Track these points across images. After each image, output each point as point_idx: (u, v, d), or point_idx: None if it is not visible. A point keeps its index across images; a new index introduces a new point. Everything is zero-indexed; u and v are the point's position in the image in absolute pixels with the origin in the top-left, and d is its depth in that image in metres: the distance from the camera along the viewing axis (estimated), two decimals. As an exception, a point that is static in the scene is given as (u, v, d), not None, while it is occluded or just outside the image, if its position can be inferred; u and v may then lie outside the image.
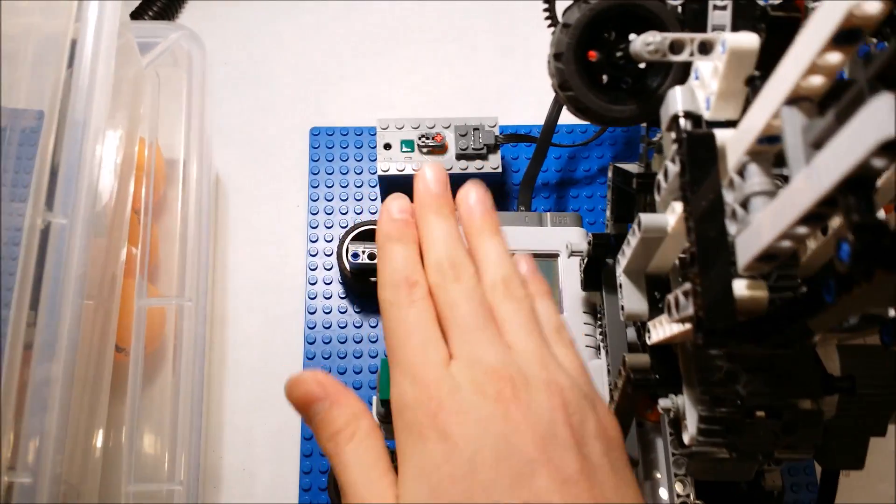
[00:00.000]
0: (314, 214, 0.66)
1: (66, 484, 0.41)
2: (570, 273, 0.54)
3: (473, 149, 0.62)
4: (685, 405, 0.40)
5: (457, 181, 0.63)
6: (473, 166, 0.62)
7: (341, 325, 0.63)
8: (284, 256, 0.65)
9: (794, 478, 0.59)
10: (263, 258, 0.66)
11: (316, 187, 0.67)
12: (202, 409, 0.52)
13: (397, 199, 0.35)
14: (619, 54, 0.40)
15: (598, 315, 0.53)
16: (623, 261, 0.43)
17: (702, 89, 0.35)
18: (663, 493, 0.51)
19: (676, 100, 0.35)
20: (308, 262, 0.65)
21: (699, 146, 0.33)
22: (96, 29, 0.44)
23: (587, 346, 0.53)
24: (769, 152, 0.30)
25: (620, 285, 0.44)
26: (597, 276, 0.52)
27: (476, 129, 0.63)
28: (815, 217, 0.25)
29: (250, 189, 0.68)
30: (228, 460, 0.60)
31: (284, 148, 0.69)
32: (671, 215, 0.39)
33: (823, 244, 0.34)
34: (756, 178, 0.30)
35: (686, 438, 0.40)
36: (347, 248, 0.61)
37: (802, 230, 0.26)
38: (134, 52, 0.52)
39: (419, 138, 0.62)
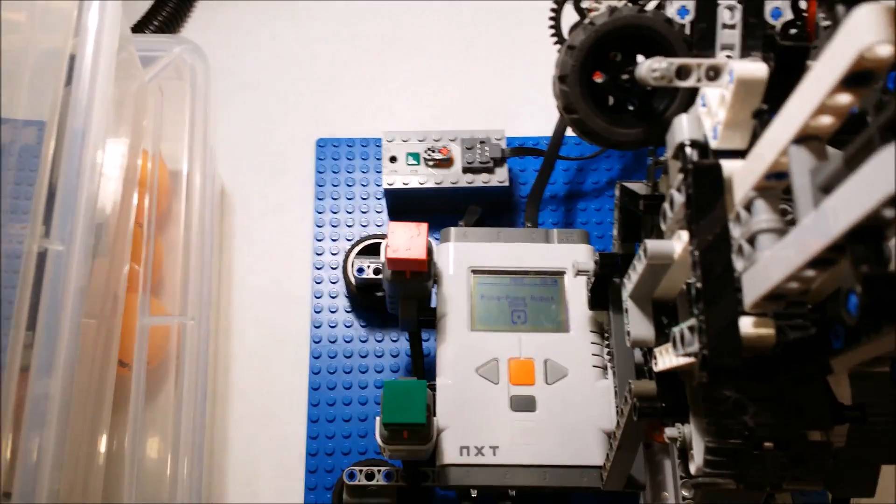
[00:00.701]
0: (320, 227, 0.65)
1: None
2: (576, 291, 0.54)
3: (480, 162, 0.61)
4: (692, 435, 0.39)
5: (463, 195, 0.64)
6: (480, 180, 0.61)
7: (347, 340, 0.62)
8: (290, 270, 0.65)
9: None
10: (269, 271, 0.65)
11: (322, 199, 0.66)
12: (204, 426, 0.52)
13: None
14: (625, 77, 0.40)
15: (606, 334, 0.53)
16: (629, 285, 0.42)
17: (709, 117, 0.34)
18: (671, 514, 0.50)
19: (682, 128, 0.34)
20: (313, 275, 0.64)
21: (705, 178, 0.32)
22: (95, 43, 0.43)
23: (594, 367, 0.52)
24: (777, 188, 0.29)
25: (626, 310, 0.43)
26: (604, 295, 0.51)
27: (482, 141, 0.62)
28: (824, 262, 0.25)
29: (256, 201, 0.67)
30: (232, 475, 0.60)
31: (290, 159, 0.68)
32: (678, 242, 0.38)
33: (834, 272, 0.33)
34: (763, 214, 0.29)
35: (692, 468, 0.39)
36: (353, 262, 0.60)
37: (810, 273, 0.26)
38: (136, 65, 0.52)
39: (425, 151, 0.62)
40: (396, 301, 0.54)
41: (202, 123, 0.55)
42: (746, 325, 0.30)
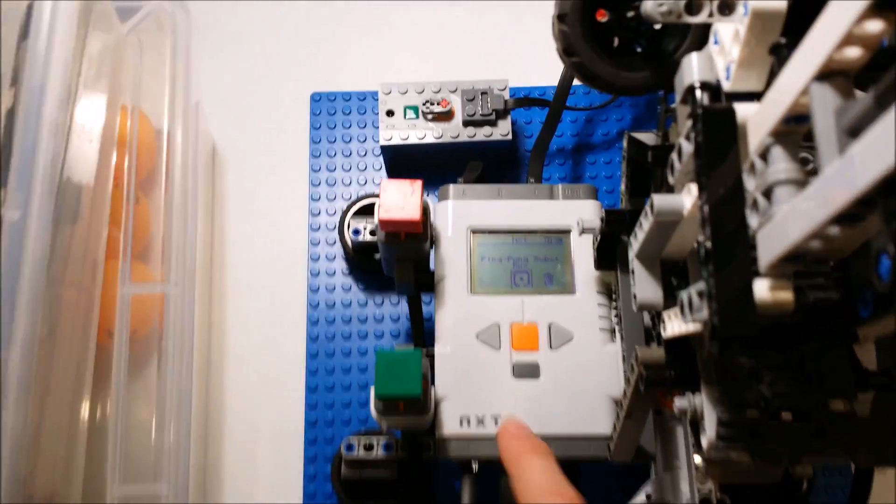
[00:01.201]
0: (316, 186, 0.62)
1: (42, 483, 0.39)
2: (583, 250, 0.50)
3: (481, 114, 0.58)
4: (703, 406, 0.36)
5: (464, 150, 0.60)
6: (482, 133, 0.58)
7: (345, 304, 0.60)
8: (285, 232, 0.62)
9: (827, 479, 0.55)
10: (264, 234, 0.62)
11: (317, 157, 0.63)
12: (192, 395, 0.49)
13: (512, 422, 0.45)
14: (630, 14, 0.36)
15: (613, 296, 0.49)
16: (636, 244, 0.39)
17: (721, 56, 0.31)
18: (684, 486, 0.48)
19: (692, 68, 0.31)
20: (310, 237, 0.61)
21: (717, 123, 0.28)
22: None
23: (601, 329, 0.49)
24: (797, 133, 0.26)
25: (633, 271, 0.40)
26: (611, 254, 0.48)
27: (484, 92, 0.58)
28: (851, 217, 0.21)
29: (249, 160, 0.64)
30: (230, 448, 0.58)
31: (283, 115, 0.65)
32: (687, 196, 0.34)
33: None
34: (781, 163, 0.25)
35: (704, 442, 0.37)
36: (349, 223, 0.57)
37: (835, 231, 0.22)
38: (112, 18, 0.49)
39: (423, 104, 0.58)
40: (392, 264, 0.51)
41: (184, 77, 0.52)
42: (761, 288, 0.27)
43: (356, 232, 0.55)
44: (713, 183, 0.28)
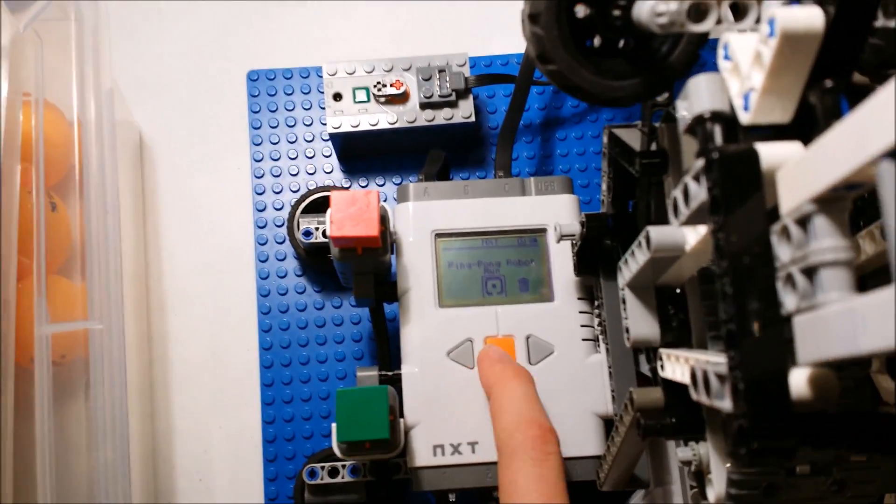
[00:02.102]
0: (259, 178, 0.56)
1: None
2: (560, 251, 0.46)
3: (440, 95, 0.52)
4: (710, 456, 0.32)
5: (423, 134, 0.54)
6: (441, 116, 0.52)
7: (300, 308, 0.54)
8: (228, 231, 0.56)
9: None
10: (204, 234, 0.56)
11: (259, 145, 0.57)
12: (128, 425, 0.44)
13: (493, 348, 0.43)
14: (616, 13, 0.30)
15: (596, 301, 0.45)
16: (627, 273, 0.34)
17: (737, 79, 0.25)
18: (678, 500, 0.44)
19: (700, 94, 0.25)
20: (256, 235, 0.55)
21: (737, 172, 0.23)
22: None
23: (584, 340, 0.45)
24: (847, 199, 0.21)
25: (624, 300, 0.35)
26: (592, 260, 0.43)
27: (442, 70, 0.52)
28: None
29: (182, 151, 0.58)
30: (182, 470, 0.53)
31: (218, 98, 0.58)
32: (691, 232, 0.30)
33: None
34: (827, 240, 0.20)
35: (711, 496, 0.33)
36: (298, 222, 0.52)
37: (908, 347, 0.18)
38: (1, 14, 0.41)
39: (374, 85, 0.52)
40: (349, 277, 0.46)
41: (92, 60, 0.45)
42: (800, 381, 0.22)
43: (307, 233, 0.49)
44: (733, 246, 0.23)
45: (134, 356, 0.52)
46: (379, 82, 0.52)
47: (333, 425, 0.41)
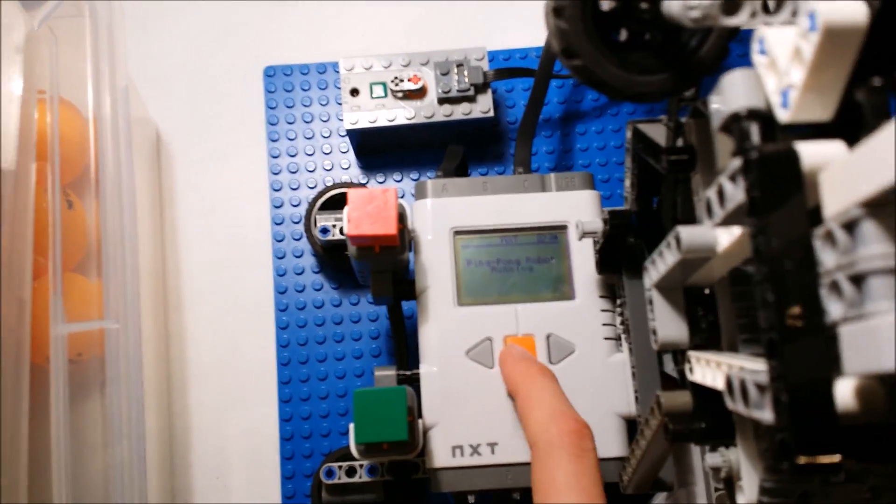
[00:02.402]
0: (276, 174, 0.56)
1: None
2: (581, 248, 0.45)
3: (458, 90, 0.51)
4: (740, 464, 0.31)
5: (441, 130, 0.54)
6: (460, 111, 0.51)
7: (317, 305, 0.54)
8: (245, 227, 0.56)
9: None
10: (221, 231, 0.56)
11: (276, 141, 0.56)
12: (144, 423, 0.44)
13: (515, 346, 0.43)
14: (644, 6, 0.29)
15: (618, 300, 0.44)
16: (654, 273, 0.33)
17: (774, 75, 0.24)
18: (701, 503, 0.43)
19: (736, 91, 0.25)
20: (273, 231, 0.55)
21: (776, 173, 0.22)
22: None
23: (606, 339, 0.44)
24: None
25: (651, 301, 0.34)
26: (615, 258, 0.42)
27: (460, 64, 0.51)
28: None
29: (199, 148, 0.57)
30: (199, 469, 0.53)
31: (234, 95, 0.57)
32: (723, 233, 0.29)
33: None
34: (876, 246, 0.20)
35: (741, 502, 0.32)
36: (315, 219, 0.51)
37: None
38: (16, 11, 0.41)
39: (392, 80, 0.51)
40: (367, 276, 0.45)
41: (107, 58, 0.45)
42: (846, 393, 0.21)
43: (324, 230, 0.48)
44: (775, 251, 0.22)
45: (151, 354, 0.51)
46: (396, 77, 0.51)
47: (351, 426, 0.40)
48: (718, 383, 0.30)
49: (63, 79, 0.45)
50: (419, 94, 0.51)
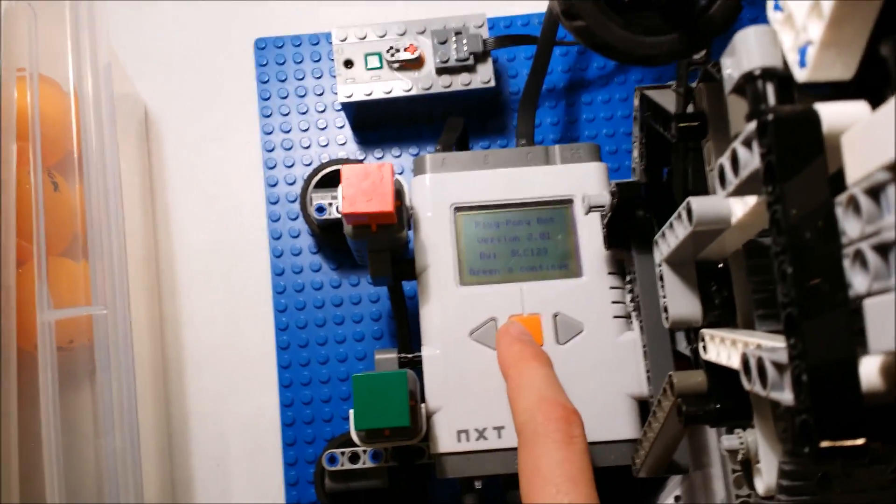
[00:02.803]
0: (270, 152, 0.54)
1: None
2: (589, 222, 0.43)
3: (457, 60, 0.49)
4: (758, 445, 0.30)
5: (440, 101, 0.52)
6: (459, 82, 0.49)
7: (316, 287, 0.52)
8: (239, 207, 0.54)
9: None
10: (214, 211, 0.54)
11: (268, 117, 0.54)
12: (136, 411, 0.42)
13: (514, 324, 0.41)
14: (650, -40, 0.27)
15: (628, 276, 0.42)
16: (665, 247, 0.31)
17: (790, 31, 0.22)
18: (717, 486, 0.42)
19: (749, 49, 0.23)
20: (269, 211, 0.53)
21: (795, 136, 0.20)
22: None
23: (615, 317, 0.42)
24: (927, 166, 0.18)
25: (661, 277, 0.32)
26: (623, 232, 0.40)
27: (458, 32, 0.49)
28: None
29: (189, 125, 0.55)
30: (199, 456, 0.51)
31: (225, 69, 0.55)
32: (738, 203, 0.27)
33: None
34: (906, 214, 0.18)
35: (760, 487, 0.30)
36: (311, 198, 0.49)
37: None
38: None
39: (387, 51, 0.49)
40: (365, 255, 0.43)
41: (88, 34, 0.43)
42: (871, 370, 0.19)
43: (320, 209, 0.47)
44: (794, 221, 0.20)
45: (146, 340, 0.50)
46: (392, 47, 0.49)
47: (351, 412, 0.39)
48: (734, 362, 0.28)
49: (44, 56, 0.44)
50: (416, 64, 0.49)
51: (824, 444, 0.19)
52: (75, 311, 0.39)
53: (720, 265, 0.32)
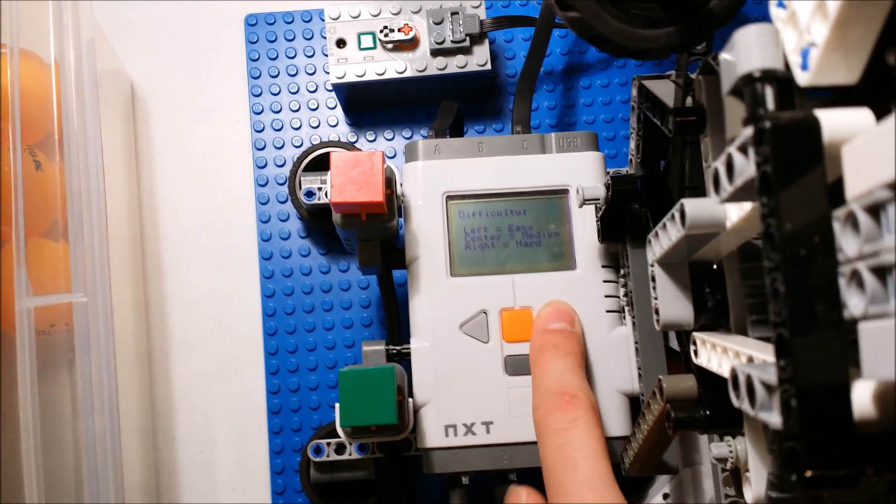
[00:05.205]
0: (259, 132, 0.52)
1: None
2: (583, 214, 0.42)
3: (453, 41, 0.47)
4: (748, 454, 0.29)
5: (434, 84, 0.50)
6: (454, 64, 0.48)
7: (304, 272, 0.51)
8: (227, 189, 0.53)
9: None
10: (202, 193, 0.53)
11: (258, 96, 0.53)
12: (117, 396, 0.41)
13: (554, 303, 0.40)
14: (648, -51, 0.26)
15: (622, 270, 0.41)
16: (657, 248, 0.30)
17: (793, 31, 0.21)
18: (707, 484, 0.41)
19: (749, 50, 0.21)
20: (257, 194, 0.52)
21: (793, 145, 0.19)
22: None
23: (608, 311, 0.41)
24: (932, 185, 0.17)
25: (653, 278, 0.31)
26: (618, 226, 0.39)
27: (455, 12, 0.48)
28: None
29: (177, 103, 0.54)
30: (183, 443, 0.51)
31: (214, 46, 0.54)
32: (733, 207, 0.26)
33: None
34: (908, 237, 0.17)
35: (749, 497, 0.29)
36: (300, 181, 0.48)
37: None
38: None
39: (381, 30, 0.48)
40: (354, 243, 0.42)
41: (71, 8, 0.42)
42: (864, 397, 0.18)
43: (309, 193, 0.45)
44: (789, 236, 0.19)
45: (129, 324, 0.49)
46: (386, 27, 0.47)
47: (336, 405, 0.38)
48: (724, 371, 0.27)
49: (25, 32, 0.42)
50: (410, 44, 0.48)
51: (812, 472, 0.18)
52: (55, 298, 0.39)
53: (714, 267, 0.31)
